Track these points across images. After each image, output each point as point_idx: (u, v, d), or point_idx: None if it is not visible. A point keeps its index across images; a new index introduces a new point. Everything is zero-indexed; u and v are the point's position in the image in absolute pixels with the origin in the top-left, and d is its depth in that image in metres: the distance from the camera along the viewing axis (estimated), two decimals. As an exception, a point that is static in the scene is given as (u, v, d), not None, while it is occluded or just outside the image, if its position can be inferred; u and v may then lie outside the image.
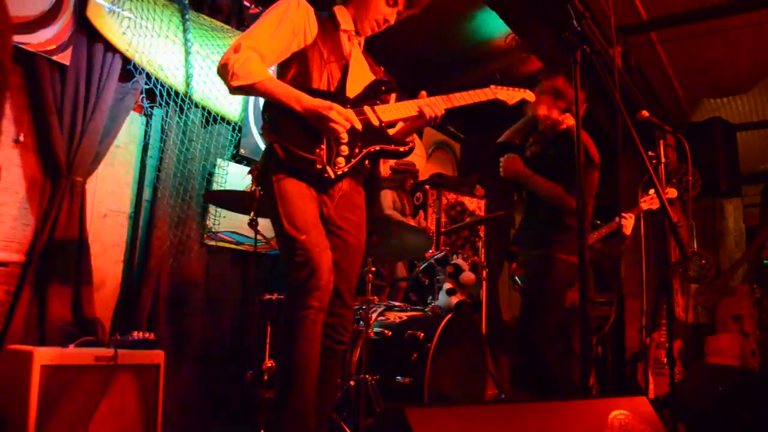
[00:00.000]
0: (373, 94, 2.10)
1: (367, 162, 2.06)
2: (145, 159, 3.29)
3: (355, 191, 2.11)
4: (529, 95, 2.40)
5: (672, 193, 3.49)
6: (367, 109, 2.04)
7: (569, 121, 2.98)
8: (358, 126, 1.97)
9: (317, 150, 1.92)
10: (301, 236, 1.86)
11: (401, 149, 2.08)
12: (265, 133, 1.96)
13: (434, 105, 2.12)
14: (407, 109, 2.11)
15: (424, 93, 2.16)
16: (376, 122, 2.04)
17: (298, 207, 1.91)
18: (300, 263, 1.84)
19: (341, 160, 1.95)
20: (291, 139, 1.90)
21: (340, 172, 1.94)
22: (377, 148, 2.04)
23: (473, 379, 3.09)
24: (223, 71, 1.89)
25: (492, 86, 2.31)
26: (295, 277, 1.85)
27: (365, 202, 2.16)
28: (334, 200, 2.04)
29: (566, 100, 2.95)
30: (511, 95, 2.33)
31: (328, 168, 1.93)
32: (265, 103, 1.95)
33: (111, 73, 3.01)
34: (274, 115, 1.92)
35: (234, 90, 1.92)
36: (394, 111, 2.09)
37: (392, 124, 2.13)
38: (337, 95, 2.01)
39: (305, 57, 2.02)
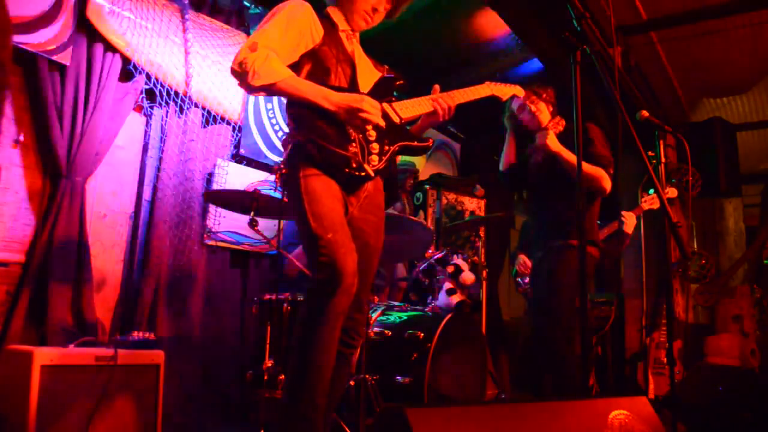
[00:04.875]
0: (385, 92, 2.08)
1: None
2: (145, 159, 3.29)
3: (378, 191, 2.09)
4: (519, 90, 2.47)
5: (672, 192, 3.50)
6: (385, 105, 2.03)
7: (560, 126, 3.08)
8: (382, 122, 1.96)
9: (350, 147, 1.89)
10: (327, 234, 1.79)
11: (423, 145, 2.09)
12: (292, 131, 1.90)
13: (445, 99, 2.12)
14: (422, 105, 2.12)
15: (437, 87, 2.17)
16: (396, 119, 2.04)
17: (326, 205, 1.85)
18: (324, 263, 1.77)
19: (375, 158, 1.93)
20: (323, 137, 1.86)
21: (375, 170, 1.92)
22: (403, 144, 2.03)
23: (473, 379, 3.09)
24: (241, 70, 1.82)
25: (487, 82, 2.36)
26: (318, 278, 1.78)
27: (385, 201, 2.16)
28: (359, 201, 2.02)
29: (555, 107, 3.07)
30: (503, 91, 2.40)
31: (366, 166, 1.90)
32: (289, 102, 1.91)
33: (111, 73, 3.01)
34: (301, 113, 1.88)
35: (254, 89, 1.85)
36: (410, 107, 2.10)
37: (410, 122, 2.13)
38: (353, 91, 1.99)
39: (318, 56, 1.99)
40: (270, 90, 1.86)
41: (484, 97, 2.31)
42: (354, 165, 1.88)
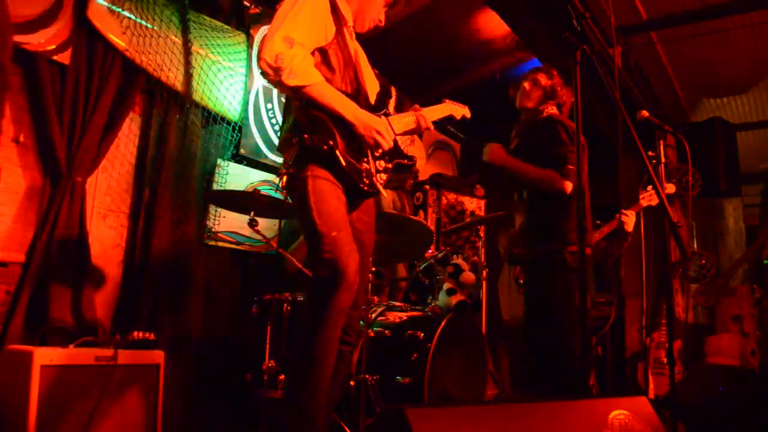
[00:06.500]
0: (382, 105, 2.10)
1: None
2: (145, 159, 3.29)
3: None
4: (467, 111, 2.54)
5: (670, 188, 3.48)
6: (386, 120, 2.05)
7: (550, 108, 3.01)
8: (389, 146, 2.00)
9: (363, 162, 1.93)
10: (332, 233, 1.80)
11: (411, 164, 2.15)
12: (307, 133, 1.87)
13: (425, 117, 2.20)
14: (409, 122, 2.17)
15: (417, 106, 2.26)
16: (393, 134, 2.06)
17: (331, 204, 1.87)
18: (327, 260, 1.78)
19: (383, 176, 1.99)
20: (344, 147, 1.88)
21: (382, 187, 1.98)
22: (397, 162, 2.08)
23: (473, 379, 3.09)
24: (276, 65, 1.77)
25: (446, 100, 2.49)
26: (321, 275, 1.79)
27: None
28: (359, 205, 2.06)
29: (557, 100, 3.01)
30: (457, 110, 2.50)
31: (378, 184, 1.96)
32: (310, 104, 1.88)
33: (111, 73, 3.01)
34: (321, 117, 1.86)
35: (284, 88, 1.82)
36: (401, 124, 2.13)
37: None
38: (363, 103, 2.01)
39: (327, 54, 1.97)
40: (299, 91, 1.83)
41: (446, 115, 2.44)
42: (367, 181, 1.92)
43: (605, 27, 3.95)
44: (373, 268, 3.00)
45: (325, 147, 1.85)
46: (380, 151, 2.00)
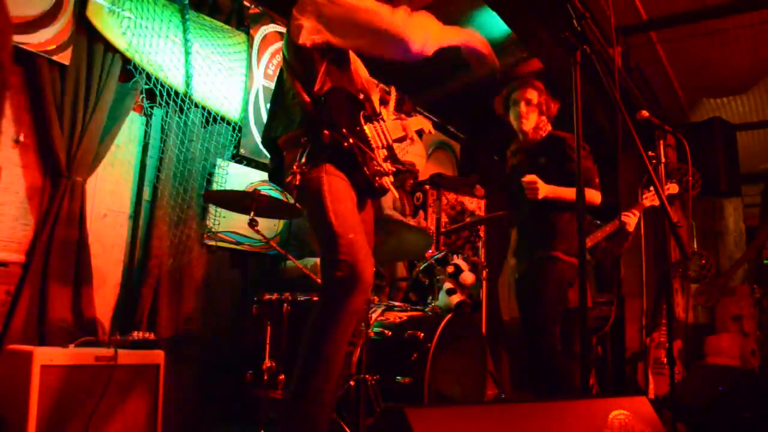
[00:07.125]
0: (378, 112, 2.13)
1: None
2: (145, 159, 3.29)
3: None
4: (432, 128, 2.58)
5: (673, 188, 3.48)
6: (377, 126, 2.08)
7: (548, 126, 3.09)
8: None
9: (374, 161, 1.95)
10: (349, 234, 1.78)
11: (406, 169, 2.18)
12: (333, 132, 1.86)
13: (410, 127, 2.25)
14: (398, 129, 2.21)
15: (402, 116, 2.31)
16: (390, 141, 2.10)
17: (348, 207, 1.85)
18: (344, 262, 1.75)
19: (390, 179, 2.01)
20: (361, 145, 1.91)
21: (389, 189, 2.01)
22: (396, 167, 2.12)
23: (473, 379, 3.09)
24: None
25: (416, 115, 2.58)
26: (338, 276, 1.75)
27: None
28: (364, 206, 2.07)
29: (549, 113, 3.06)
30: (426, 124, 2.52)
31: (389, 186, 1.98)
32: (333, 104, 1.88)
33: (111, 73, 3.01)
34: (343, 118, 1.88)
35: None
36: (395, 130, 2.17)
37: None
38: (369, 109, 2.04)
39: (347, 58, 2.00)
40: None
41: (420, 128, 2.47)
42: (379, 179, 1.95)
43: (605, 27, 3.95)
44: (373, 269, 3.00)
45: (346, 144, 1.83)
46: (384, 152, 2.04)
